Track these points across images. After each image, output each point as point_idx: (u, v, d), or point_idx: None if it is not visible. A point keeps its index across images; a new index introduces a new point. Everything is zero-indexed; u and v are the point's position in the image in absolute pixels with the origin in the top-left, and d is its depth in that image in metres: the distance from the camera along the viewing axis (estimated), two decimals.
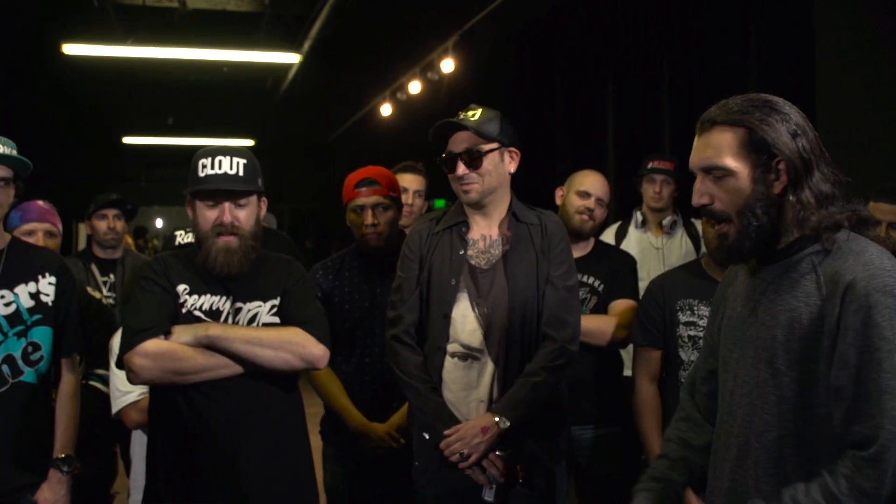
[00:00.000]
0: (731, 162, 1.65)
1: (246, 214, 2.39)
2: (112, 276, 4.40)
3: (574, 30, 7.45)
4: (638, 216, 4.11)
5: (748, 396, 1.66)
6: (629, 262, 3.24)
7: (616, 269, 3.15)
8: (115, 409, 2.86)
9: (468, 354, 2.49)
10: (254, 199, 2.43)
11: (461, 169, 2.48)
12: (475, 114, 2.51)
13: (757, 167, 1.63)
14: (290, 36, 9.66)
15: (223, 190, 2.36)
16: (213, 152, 2.39)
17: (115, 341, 2.72)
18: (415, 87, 9.35)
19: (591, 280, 3.13)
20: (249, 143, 13.74)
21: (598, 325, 3.01)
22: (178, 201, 2.52)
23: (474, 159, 2.47)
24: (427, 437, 2.49)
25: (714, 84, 5.69)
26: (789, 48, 5.00)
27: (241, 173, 2.37)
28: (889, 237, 3.23)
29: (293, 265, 2.57)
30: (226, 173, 2.36)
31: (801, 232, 1.63)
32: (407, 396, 2.60)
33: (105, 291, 4.32)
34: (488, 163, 2.48)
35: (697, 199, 1.71)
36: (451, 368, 2.50)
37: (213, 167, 2.36)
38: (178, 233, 3.09)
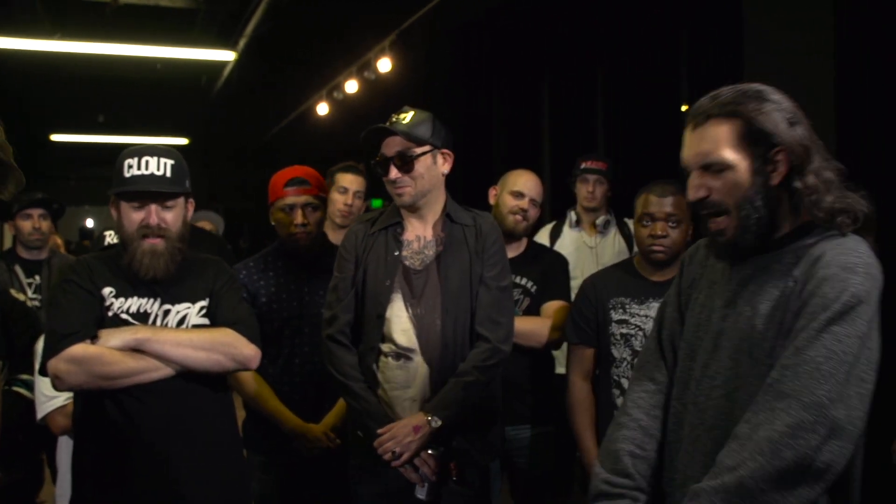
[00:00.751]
0: (730, 155, 1.61)
1: (173, 216, 2.36)
2: (38, 277, 4.29)
3: (510, 31, 7.49)
4: (572, 216, 4.16)
5: (723, 388, 1.62)
6: (561, 263, 3.27)
7: (548, 271, 3.18)
8: (40, 415, 2.79)
9: (401, 354, 2.50)
10: (181, 200, 2.40)
11: (394, 173, 2.49)
12: (406, 116, 2.52)
13: (756, 159, 1.60)
14: (225, 33, 9.53)
15: (149, 192, 2.31)
16: (140, 152, 2.34)
17: (40, 345, 2.64)
18: (351, 86, 9.31)
19: (523, 281, 3.15)
20: (183, 141, 13.52)
21: (532, 328, 3.04)
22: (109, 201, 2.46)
23: (406, 163, 2.49)
24: (361, 435, 2.50)
25: (646, 86, 5.79)
26: (719, 52, 5.11)
27: (168, 174, 2.34)
28: None
29: (221, 266, 2.54)
30: (152, 174, 2.32)
31: (811, 216, 1.59)
32: (342, 395, 2.61)
33: (30, 293, 4.21)
34: (420, 166, 2.50)
35: (694, 194, 1.65)
36: (385, 368, 2.51)
37: (139, 167, 2.32)
38: (107, 232, 3.02)
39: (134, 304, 2.34)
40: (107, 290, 2.34)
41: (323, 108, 10.47)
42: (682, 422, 1.70)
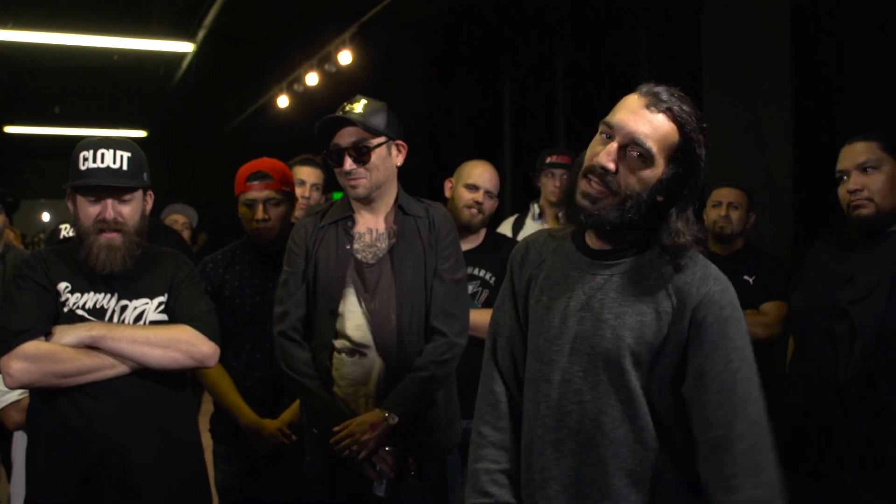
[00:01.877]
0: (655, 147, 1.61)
1: (130, 210, 2.32)
2: None
3: (471, 25, 7.50)
4: (535, 208, 4.17)
5: (589, 393, 1.63)
6: None
7: (507, 261, 3.17)
8: None
9: (355, 350, 2.46)
10: (138, 193, 2.36)
11: (348, 164, 2.43)
12: (358, 105, 2.45)
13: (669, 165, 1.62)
14: (184, 24, 9.42)
15: (105, 185, 2.27)
16: (96, 144, 2.30)
17: None
18: (312, 78, 9.26)
19: (481, 273, 3.14)
20: (142, 133, 13.34)
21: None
22: (65, 194, 2.41)
23: (362, 154, 2.43)
24: (317, 433, 2.47)
25: (606, 77, 5.83)
26: (677, 46, 5.16)
27: (124, 167, 2.29)
28: (728, 215, 3.50)
29: (181, 260, 2.50)
30: (108, 167, 2.27)
31: (662, 239, 1.62)
32: (297, 393, 2.57)
33: None
34: (376, 157, 2.45)
35: (607, 161, 1.60)
36: (339, 364, 2.47)
37: (94, 160, 2.27)
38: (62, 226, 2.97)
39: (90, 299, 2.31)
40: (62, 286, 2.30)
41: (283, 101, 10.42)
42: (535, 423, 1.71)
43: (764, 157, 4.24)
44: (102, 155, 2.28)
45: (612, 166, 1.60)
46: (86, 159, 2.28)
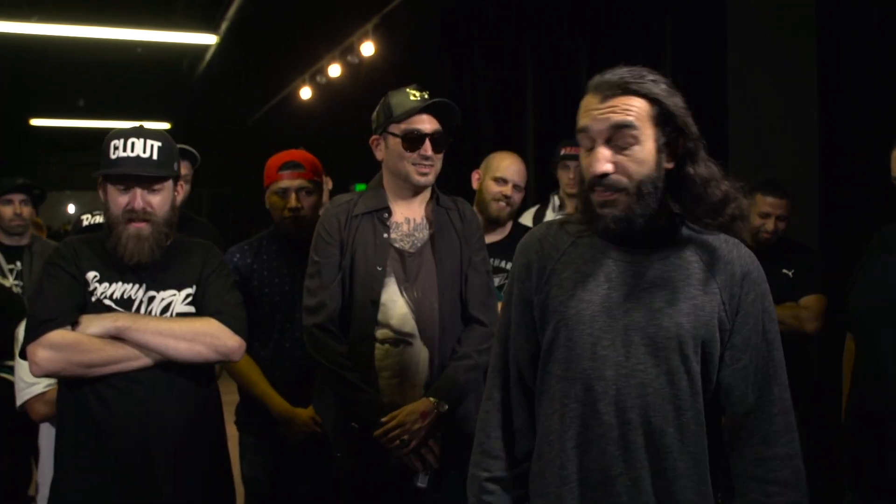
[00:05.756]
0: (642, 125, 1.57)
1: (160, 200, 2.32)
2: (19, 263, 4.26)
3: (494, 15, 7.47)
4: (555, 200, 4.15)
5: (652, 385, 1.59)
6: None
7: None
8: (19, 402, 2.76)
9: (401, 340, 2.45)
10: (168, 183, 2.36)
11: (429, 149, 2.44)
12: (426, 94, 2.50)
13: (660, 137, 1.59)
14: (207, 16, 9.44)
15: (134, 175, 2.28)
16: (126, 134, 2.30)
17: (21, 330, 2.62)
18: (334, 70, 9.26)
19: (508, 266, 3.13)
20: (165, 126, 13.42)
21: None
22: (91, 186, 2.41)
23: (440, 144, 2.46)
24: (356, 427, 2.42)
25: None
26: (703, 37, 5.12)
27: (154, 157, 2.29)
28: (777, 229, 3.37)
29: (211, 251, 2.50)
30: (138, 156, 2.27)
31: (698, 209, 1.62)
32: (334, 387, 2.49)
33: (12, 279, 4.18)
34: (444, 148, 2.49)
35: (601, 167, 1.57)
36: (383, 356, 2.45)
37: (125, 149, 2.27)
38: (84, 217, 2.98)
39: (118, 289, 2.31)
40: (91, 275, 2.30)
41: (306, 93, 10.43)
42: (588, 424, 1.62)
43: (790, 151, 4.20)
44: (132, 144, 2.28)
45: (609, 167, 1.57)
46: (116, 148, 2.28)
